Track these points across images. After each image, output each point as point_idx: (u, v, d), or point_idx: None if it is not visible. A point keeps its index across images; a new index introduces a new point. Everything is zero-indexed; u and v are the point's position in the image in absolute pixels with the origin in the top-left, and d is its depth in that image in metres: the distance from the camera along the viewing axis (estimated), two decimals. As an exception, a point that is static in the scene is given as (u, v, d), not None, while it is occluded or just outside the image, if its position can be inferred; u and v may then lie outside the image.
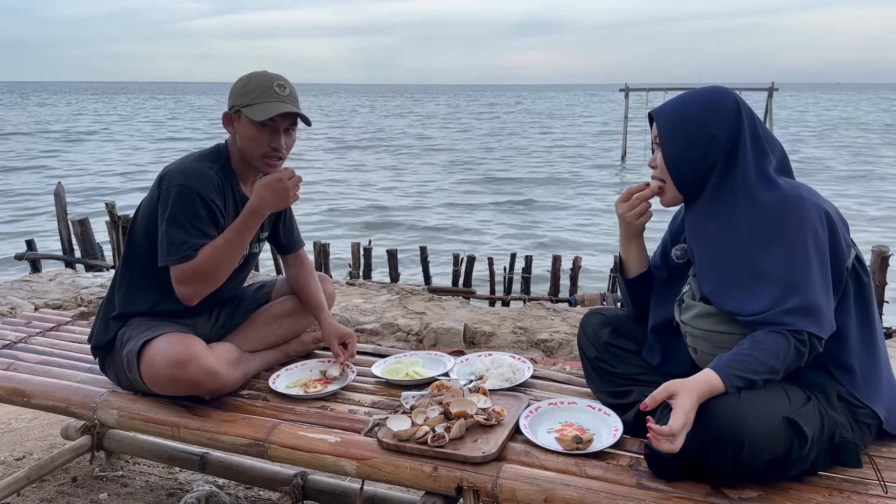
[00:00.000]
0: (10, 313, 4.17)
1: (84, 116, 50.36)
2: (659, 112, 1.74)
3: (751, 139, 1.64)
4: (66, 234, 7.70)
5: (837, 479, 1.55)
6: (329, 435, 1.81)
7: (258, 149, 2.06)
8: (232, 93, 2.08)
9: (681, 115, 1.69)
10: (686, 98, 1.73)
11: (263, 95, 2.02)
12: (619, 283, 2.01)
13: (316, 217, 13.90)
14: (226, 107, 2.10)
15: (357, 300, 4.83)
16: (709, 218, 1.68)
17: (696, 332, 1.71)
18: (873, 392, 1.63)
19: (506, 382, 2.08)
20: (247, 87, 2.04)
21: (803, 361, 1.53)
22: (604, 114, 58.71)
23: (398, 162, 23.77)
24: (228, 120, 2.09)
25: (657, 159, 1.74)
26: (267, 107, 2.01)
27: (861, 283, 1.63)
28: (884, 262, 5.34)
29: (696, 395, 1.43)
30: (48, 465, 2.47)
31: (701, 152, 1.65)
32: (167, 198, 1.99)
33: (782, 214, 1.55)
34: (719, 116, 1.65)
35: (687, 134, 1.67)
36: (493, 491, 1.59)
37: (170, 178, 2.02)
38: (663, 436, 1.41)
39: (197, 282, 2.00)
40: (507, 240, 12.15)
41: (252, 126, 2.02)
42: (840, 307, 1.60)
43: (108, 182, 18.78)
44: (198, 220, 1.99)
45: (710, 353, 1.64)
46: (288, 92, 2.06)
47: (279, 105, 2.02)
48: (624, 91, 23.27)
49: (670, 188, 1.73)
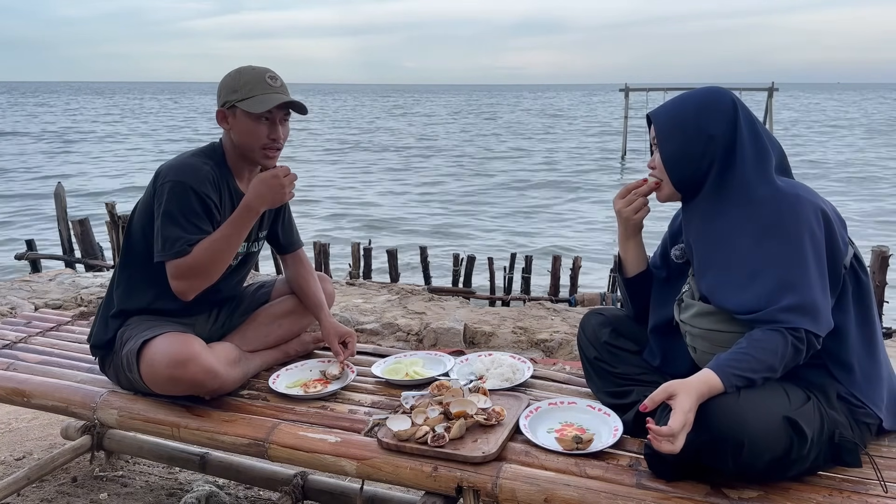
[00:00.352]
0: (10, 313, 4.17)
1: (84, 117, 50.34)
2: (656, 113, 1.75)
3: (749, 139, 1.64)
4: (66, 234, 7.69)
5: (837, 478, 1.55)
6: (329, 435, 1.81)
7: (257, 141, 2.06)
8: (222, 89, 2.08)
9: (678, 116, 1.70)
10: (683, 99, 1.73)
11: (257, 88, 2.03)
12: (619, 282, 2.02)
13: (318, 218, 13.90)
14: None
15: (357, 300, 4.83)
16: (707, 217, 1.68)
17: (695, 331, 1.72)
18: (873, 391, 1.63)
19: (506, 382, 2.08)
20: (238, 81, 2.04)
21: (801, 359, 1.53)
22: (604, 114, 58.69)
23: (399, 162, 23.76)
24: (223, 117, 2.09)
25: (656, 160, 1.75)
26: (264, 98, 2.02)
27: (860, 281, 1.63)
28: (884, 262, 5.34)
29: (695, 395, 1.43)
30: (48, 465, 2.47)
31: (698, 152, 1.66)
32: (162, 194, 1.99)
33: (779, 213, 1.56)
34: (716, 116, 1.66)
35: (684, 134, 1.67)
36: (493, 491, 1.59)
37: (164, 174, 2.02)
38: (663, 437, 1.41)
39: (192, 277, 2.00)
40: (508, 238, 12.16)
41: (249, 119, 2.03)
42: (839, 305, 1.60)
43: (109, 182, 18.78)
44: (192, 216, 1.99)
45: (710, 352, 1.64)
46: (280, 83, 2.07)
47: (276, 96, 2.03)
48: (624, 91, 23.29)
49: (667, 186, 1.74)
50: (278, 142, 2.09)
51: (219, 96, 2.09)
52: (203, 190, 2.01)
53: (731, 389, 1.45)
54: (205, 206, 2.01)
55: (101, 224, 7.70)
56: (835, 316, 1.58)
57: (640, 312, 1.98)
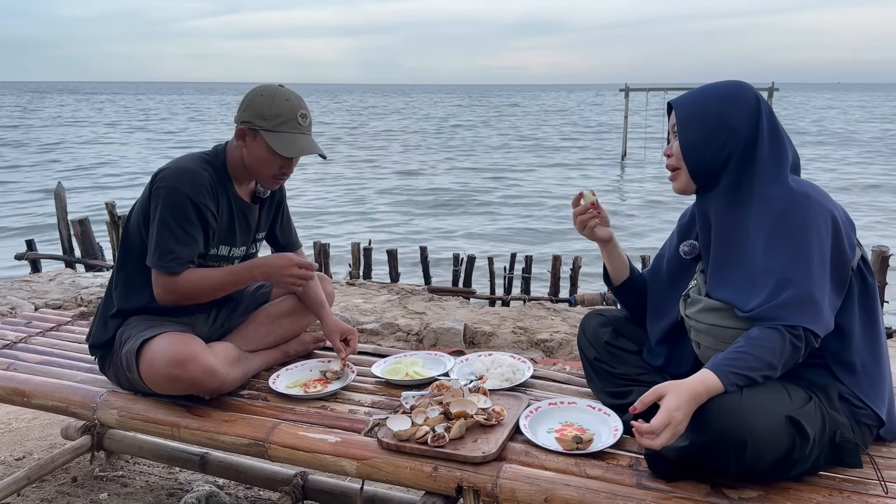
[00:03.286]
0: (10, 313, 4.17)
1: (83, 116, 50.33)
2: (679, 101, 1.74)
3: (769, 137, 1.65)
4: (66, 234, 7.69)
5: (837, 479, 1.55)
6: (329, 435, 1.81)
7: (268, 171, 2.08)
8: (250, 107, 2.04)
9: (701, 105, 1.69)
10: (707, 89, 1.73)
11: (287, 125, 2.02)
12: (609, 289, 2.05)
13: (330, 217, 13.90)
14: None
15: (357, 300, 4.83)
16: (720, 212, 1.69)
17: (700, 326, 1.72)
18: (876, 394, 1.62)
19: (506, 382, 2.08)
20: (270, 109, 2.01)
21: (800, 357, 1.53)
22: (603, 114, 58.70)
23: (400, 163, 23.76)
24: (242, 134, 2.06)
25: (673, 147, 1.74)
26: (291, 141, 2.02)
27: (866, 283, 1.63)
28: (884, 262, 5.34)
29: (686, 395, 1.43)
30: (48, 465, 2.47)
31: (718, 143, 1.66)
32: (158, 198, 2.00)
33: (788, 211, 1.56)
34: (739, 109, 1.66)
35: (706, 124, 1.67)
36: (493, 491, 1.59)
37: (162, 178, 2.02)
38: (643, 434, 1.42)
39: (177, 297, 2.04)
40: (508, 236, 12.17)
41: (268, 151, 2.03)
42: (844, 306, 1.60)
43: (108, 183, 18.78)
44: (187, 224, 2.00)
45: (714, 347, 1.65)
46: (308, 122, 2.07)
47: (303, 142, 2.04)
48: (624, 91, 23.28)
49: (684, 175, 1.74)
50: (288, 175, 2.12)
51: (243, 110, 2.06)
52: (199, 199, 2.00)
53: (731, 388, 1.44)
54: (200, 215, 2.02)
55: (101, 224, 7.70)
56: (839, 316, 1.58)
57: (636, 314, 2.00)
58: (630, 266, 1.99)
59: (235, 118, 2.09)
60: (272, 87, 2.08)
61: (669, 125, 1.77)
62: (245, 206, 2.19)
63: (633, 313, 2.01)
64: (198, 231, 2.02)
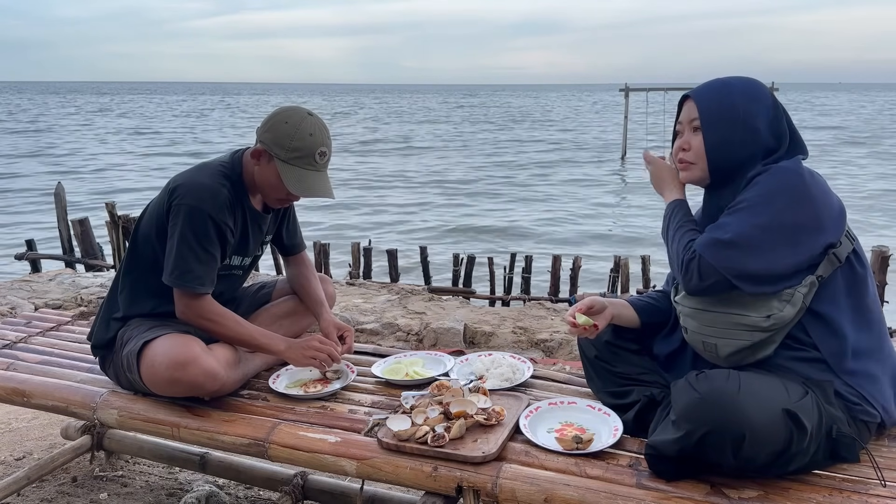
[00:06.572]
0: (10, 313, 4.16)
1: (82, 116, 50.32)
2: (700, 96, 1.72)
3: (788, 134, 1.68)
4: (66, 233, 7.69)
5: (837, 478, 1.55)
6: (329, 435, 1.81)
7: (276, 194, 2.08)
8: (272, 130, 2.02)
9: (727, 104, 1.68)
10: (728, 85, 1.71)
11: (303, 161, 2.00)
12: None
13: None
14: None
15: (357, 300, 4.83)
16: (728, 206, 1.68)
17: (685, 310, 1.75)
18: (874, 389, 1.62)
19: (506, 382, 2.08)
20: (291, 140, 1.99)
21: (691, 279, 1.63)
22: (603, 114, 58.70)
23: (401, 163, 23.76)
24: (258, 154, 2.05)
25: (693, 142, 1.73)
26: (303, 178, 2.01)
27: (855, 276, 1.63)
28: (884, 262, 5.32)
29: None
30: (48, 465, 2.47)
31: (744, 143, 1.67)
32: (178, 214, 1.98)
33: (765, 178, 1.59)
34: (762, 108, 1.67)
35: (732, 123, 1.67)
36: (493, 491, 1.59)
37: (182, 193, 2.00)
38: None
39: (196, 321, 2.06)
40: (510, 236, 12.18)
41: (278, 178, 2.02)
42: (828, 299, 1.61)
43: (109, 182, 18.78)
44: (208, 243, 2.00)
45: (698, 331, 1.71)
46: (326, 159, 2.06)
47: (315, 182, 2.03)
48: (624, 91, 23.28)
49: (699, 171, 1.74)
50: (294, 200, 2.15)
51: (265, 130, 2.04)
52: (220, 217, 2.00)
53: None
54: (220, 233, 2.02)
55: (101, 224, 7.69)
56: (825, 309, 1.60)
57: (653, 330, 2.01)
58: (637, 308, 1.97)
59: (257, 130, 2.07)
60: (300, 114, 2.04)
61: (684, 118, 1.75)
62: (259, 216, 2.19)
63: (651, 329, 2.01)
64: (217, 249, 2.03)
